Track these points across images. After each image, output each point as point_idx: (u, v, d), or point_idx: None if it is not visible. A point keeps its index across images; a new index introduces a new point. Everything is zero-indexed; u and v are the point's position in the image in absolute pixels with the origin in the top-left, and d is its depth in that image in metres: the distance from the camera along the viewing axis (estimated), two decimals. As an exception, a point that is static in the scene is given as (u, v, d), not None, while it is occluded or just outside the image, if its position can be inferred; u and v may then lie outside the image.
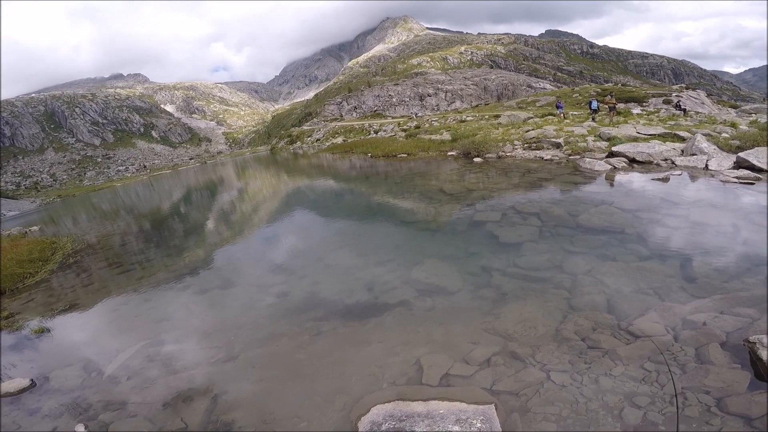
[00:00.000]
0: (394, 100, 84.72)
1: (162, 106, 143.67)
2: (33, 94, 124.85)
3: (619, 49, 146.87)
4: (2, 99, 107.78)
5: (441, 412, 3.61)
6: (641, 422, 3.21)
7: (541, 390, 3.73)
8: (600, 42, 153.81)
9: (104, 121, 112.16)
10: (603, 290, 5.31)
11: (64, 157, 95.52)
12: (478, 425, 3.39)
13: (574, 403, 3.52)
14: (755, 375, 3.44)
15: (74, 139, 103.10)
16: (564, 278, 5.81)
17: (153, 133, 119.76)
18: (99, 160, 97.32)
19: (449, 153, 21.02)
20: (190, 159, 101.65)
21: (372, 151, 27.87)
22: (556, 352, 4.22)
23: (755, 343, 3.60)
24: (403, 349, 4.82)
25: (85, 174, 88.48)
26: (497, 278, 6.23)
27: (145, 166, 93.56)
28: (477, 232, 8.54)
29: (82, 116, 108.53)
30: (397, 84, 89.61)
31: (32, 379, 5.27)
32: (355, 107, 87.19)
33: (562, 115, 26.79)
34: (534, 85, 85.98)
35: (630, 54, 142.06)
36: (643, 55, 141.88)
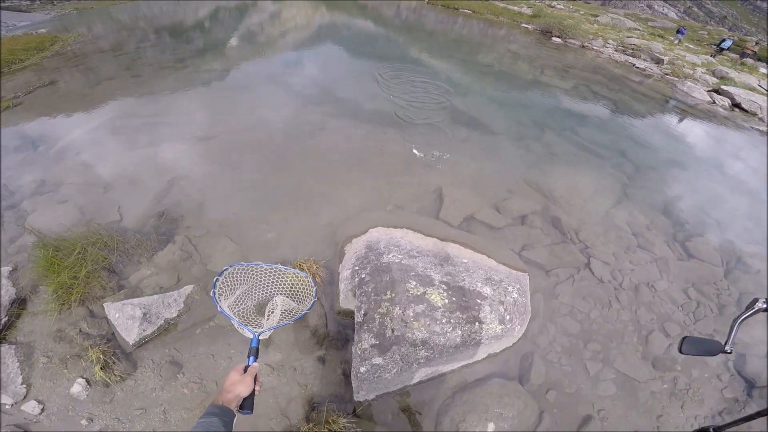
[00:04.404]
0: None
1: None
2: None
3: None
4: None
5: (465, 261, 2.65)
6: (662, 354, 2.54)
7: (576, 276, 2.98)
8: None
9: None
10: (666, 192, 4.44)
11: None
12: (515, 295, 2.45)
13: (607, 307, 2.79)
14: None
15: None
16: (625, 164, 4.89)
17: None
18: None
19: (524, 25, 17.40)
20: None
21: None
22: (602, 238, 3.44)
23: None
24: (421, 171, 3.94)
25: (104, -13, 79.48)
26: (549, 137, 5.29)
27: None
28: (537, 90, 7.33)
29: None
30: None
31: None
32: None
33: (678, 41, 21.84)
34: (655, 6, 70.00)
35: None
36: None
